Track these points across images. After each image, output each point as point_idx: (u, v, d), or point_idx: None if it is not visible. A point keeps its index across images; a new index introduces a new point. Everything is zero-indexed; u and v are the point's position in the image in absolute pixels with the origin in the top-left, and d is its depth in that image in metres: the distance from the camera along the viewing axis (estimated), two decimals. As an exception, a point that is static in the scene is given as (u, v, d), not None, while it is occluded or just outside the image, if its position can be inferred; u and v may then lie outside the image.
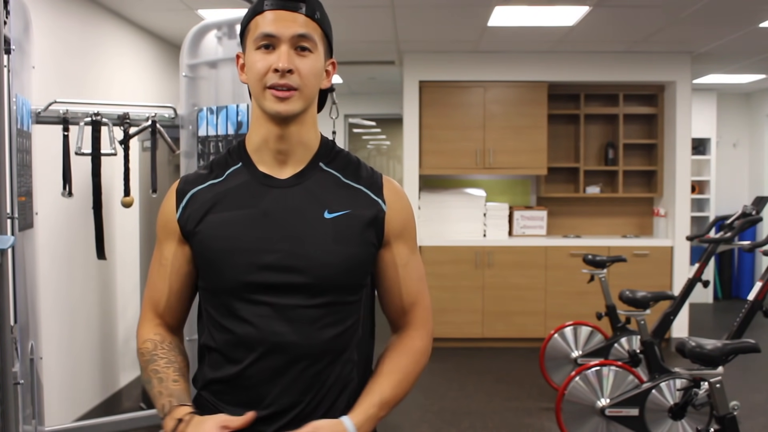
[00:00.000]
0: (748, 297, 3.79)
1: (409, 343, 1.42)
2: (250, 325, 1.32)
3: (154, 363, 1.36)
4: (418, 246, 1.47)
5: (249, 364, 1.32)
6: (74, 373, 4.09)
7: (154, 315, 1.43)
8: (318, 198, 1.35)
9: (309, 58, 1.31)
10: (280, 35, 1.29)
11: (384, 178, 1.43)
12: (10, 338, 2.26)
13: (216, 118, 3.07)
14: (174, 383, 1.32)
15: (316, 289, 1.32)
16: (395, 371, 1.38)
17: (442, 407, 4.55)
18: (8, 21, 2.26)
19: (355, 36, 5.34)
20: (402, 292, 1.42)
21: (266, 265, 1.31)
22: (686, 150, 6.19)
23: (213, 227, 1.34)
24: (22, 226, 2.48)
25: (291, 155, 1.37)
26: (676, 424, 3.47)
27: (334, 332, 1.34)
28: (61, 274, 3.93)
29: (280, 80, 1.29)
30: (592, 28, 5.15)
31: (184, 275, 1.41)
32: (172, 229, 1.39)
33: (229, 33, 3.13)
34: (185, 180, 1.42)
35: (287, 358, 1.31)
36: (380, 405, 1.34)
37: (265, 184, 1.36)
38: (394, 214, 1.39)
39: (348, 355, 1.37)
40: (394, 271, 1.41)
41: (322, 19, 1.35)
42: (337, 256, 1.32)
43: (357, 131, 12.91)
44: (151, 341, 1.39)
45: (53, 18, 3.86)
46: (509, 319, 6.08)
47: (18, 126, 2.45)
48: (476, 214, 6.25)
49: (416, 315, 1.44)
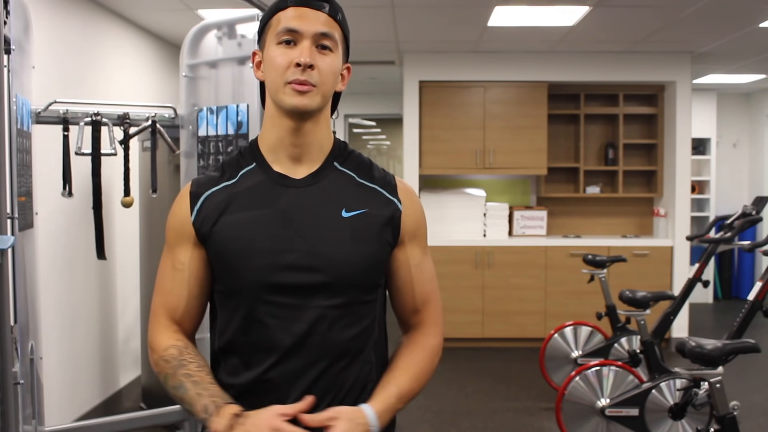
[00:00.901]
0: (748, 297, 3.79)
1: (423, 340, 1.43)
2: (268, 327, 1.31)
3: (184, 368, 1.31)
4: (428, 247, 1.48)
5: (268, 368, 1.31)
6: (74, 373, 4.09)
7: (170, 322, 1.39)
8: (335, 197, 1.35)
9: (329, 57, 1.31)
10: (303, 31, 1.29)
11: (396, 178, 1.44)
12: (10, 338, 2.26)
13: (216, 118, 3.07)
14: (211, 384, 1.30)
15: (334, 289, 1.31)
16: (411, 365, 1.38)
17: (442, 407, 4.54)
18: (8, 21, 2.25)
19: (355, 36, 5.29)
20: (415, 291, 1.42)
21: (284, 265, 1.30)
22: (686, 150, 6.19)
23: (229, 228, 1.33)
24: (22, 226, 2.48)
25: (306, 154, 1.36)
26: (676, 424, 3.47)
27: (353, 332, 1.33)
28: (61, 274, 3.93)
29: (302, 75, 1.28)
30: (592, 28, 5.15)
31: (202, 279, 1.38)
32: (186, 233, 1.36)
33: (229, 33, 3.13)
34: (197, 183, 1.39)
35: (307, 360, 1.30)
36: (398, 397, 1.34)
37: (281, 184, 1.35)
38: (409, 214, 1.40)
39: (366, 355, 1.36)
40: (407, 270, 1.41)
41: (343, 21, 1.35)
42: (356, 255, 1.32)
43: (357, 131, 12.91)
44: (176, 347, 1.35)
45: (53, 18, 3.86)
46: (509, 319, 6.08)
47: (18, 126, 2.45)
48: (476, 214, 6.25)
49: (429, 314, 1.44)
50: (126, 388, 4.82)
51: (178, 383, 1.31)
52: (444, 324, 1.48)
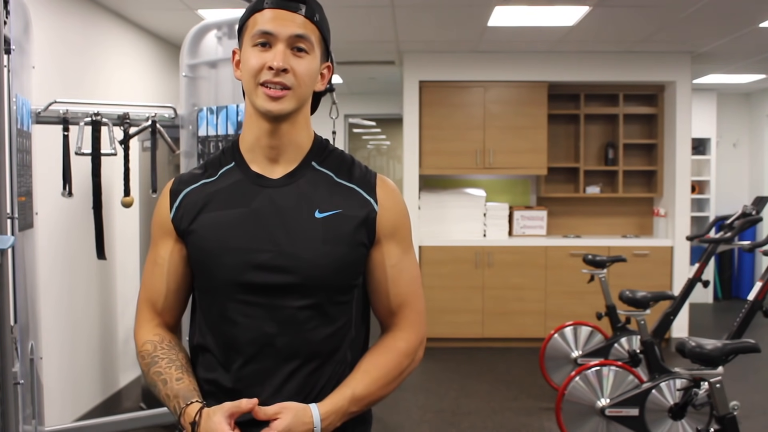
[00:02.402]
0: (748, 297, 3.79)
1: (391, 343, 1.40)
2: (239, 325, 1.32)
3: (155, 365, 1.34)
4: (413, 247, 1.46)
5: (240, 366, 1.32)
6: (74, 373, 4.09)
7: (152, 315, 1.42)
8: (309, 198, 1.35)
9: (305, 59, 1.31)
10: (277, 34, 1.29)
11: (378, 177, 1.42)
12: (10, 338, 2.26)
13: (216, 118, 3.07)
14: (178, 382, 1.31)
15: (305, 290, 1.31)
16: (371, 369, 1.36)
17: (442, 407, 4.54)
18: (8, 21, 2.25)
19: (355, 36, 5.34)
20: (390, 293, 1.40)
21: (256, 265, 1.31)
22: (686, 150, 6.19)
23: (205, 227, 1.35)
24: (22, 226, 2.48)
25: (282, 154, 1.37)
26: (676, 424, 3.47)
27: (325, 333, 1.33)
28: (61, 274, 3.93)
29: (274, 78, 1.29)
30: (592, 28, 5.15)
31: (182, 274, 1.40)
32: (167, 229, 1.39)
33: (229, 33, 3.13)
34: (179, 180, 1.42)
35: (277, 360, 1.31)
36: (351, 399, 1.31)
37: (257, 184, 1.36)
38: (385, 214, 1.38)
39: (340, 355, 1.36)
40: (383, 271, 1.39)
41: (321, 21, 1.35)
42: (327, 256, 1.32)
43: (357, 131, 12.91)
44: (151, 342, 1.38)
45: (53, 18, 3.86)
46: (509, 319, 6.08)
47: (18, 126, 2.45)
48: (476, 214, 6.25)
49: (404, 317, 1.41)
50: (126, 388, 4.82)
51: (152, 382, 1.34)
52: (424, 327, 1.43)
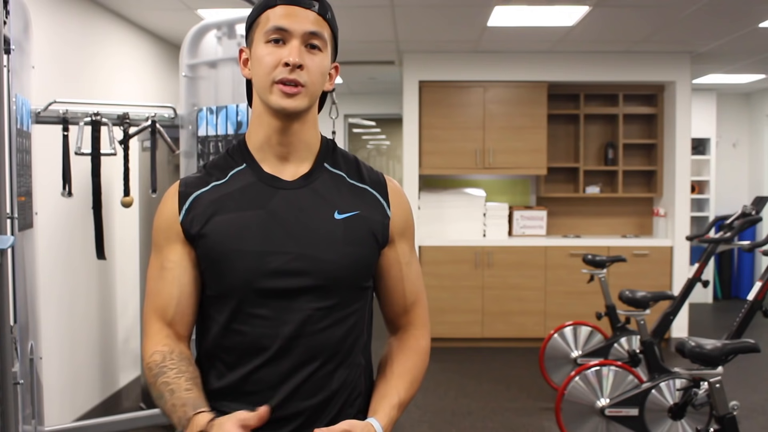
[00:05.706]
0: (748, 297, 3.79)
1: (415, 343, 1.42)
2: (256, 329, 1.29)
3: (163, 375, 1.26)
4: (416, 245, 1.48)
5: (254, 369, 1.29)
6: (74, 373, 4.09)
7: (162, 325, 1.33)
8: (327, 199, 1.34)
9: (318, 56, 1.30)
10: (292, 30, 1.28)
11: (385, 177, 1.43)
12: (10, 338, 2.26)
13: (216, 118, 3.07)
14: (186, 392, 1.24)
15: (324, 291, 1.30)
16: (407, 372, 1.37)
17: (442, 407, 4.54)
18: (8, 21, 2.25)
19: (355, 36, 5.34)
20: (405, 291, 1.42)
21: (275, 268, 1.28)
22: (686, 150, 6.19)
23: (220, 229, 1.30)
24: (22, 226, 2.48)
25: (293, 153, 1.35)
26: (675, 424, 3.47)
27: (341, 335, 1.32)
28: (61, 274, 3.92)
29: (290, 75, 1.27)
30: (592, 28, 5.15)
31: (194, 278, 1.34)
32: (174, 232, 1.33)
33: (229, 33, 3.13)
34: (186, 183, 1.37)
35: (294, 362, 1.29)
36: (399, 407, 1.32)
37: (272, 186, 1.34)
38: (398, 213, 1.40)
39: (354, 358, 1.35)
40: (398, 269, 1.41)
41: (332, 20, 1.34)
42: (347, 257, 1.31)
43: (357, 131, 12.91)
44: (159, 353, 1.30)
45: (53, 18, 3.86)
46: (509, 319, 6.08)
47: (18, 126, 2.45)
48: (476, 214, 6.25)
49: (418, 314, 1.44)
50: (125, 388, 4.82)
51: (158, 393, 1.27)
52: (429, 322, 1.47)
